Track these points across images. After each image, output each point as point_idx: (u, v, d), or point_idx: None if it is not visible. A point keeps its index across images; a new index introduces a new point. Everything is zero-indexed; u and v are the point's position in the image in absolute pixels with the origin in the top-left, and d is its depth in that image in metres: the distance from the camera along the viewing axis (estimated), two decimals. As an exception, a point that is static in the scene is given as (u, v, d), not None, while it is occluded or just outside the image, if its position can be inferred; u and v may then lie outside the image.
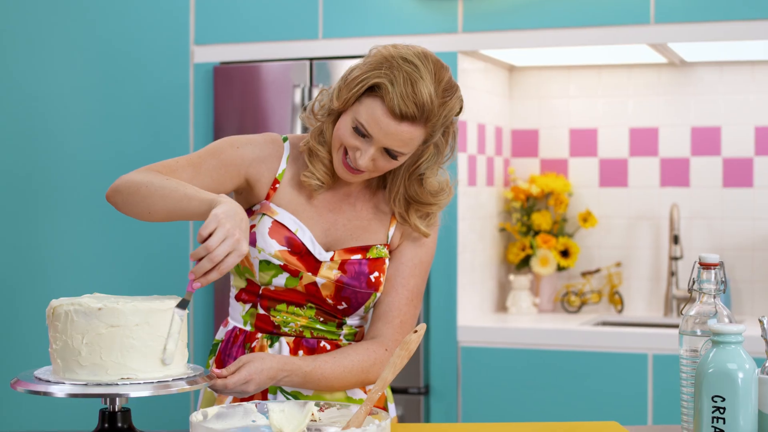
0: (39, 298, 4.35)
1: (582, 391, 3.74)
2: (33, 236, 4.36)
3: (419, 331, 1.84)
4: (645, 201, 4.31)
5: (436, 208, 2.27)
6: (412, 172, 2.23)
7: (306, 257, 2.22)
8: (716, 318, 1.93)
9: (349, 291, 2.22)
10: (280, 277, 2.22)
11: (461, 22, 3.89)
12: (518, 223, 4.36)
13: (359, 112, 2.12)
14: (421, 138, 2.14)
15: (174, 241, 4.19)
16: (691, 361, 1.94)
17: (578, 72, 4.40)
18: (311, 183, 2.23)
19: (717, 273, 1.94)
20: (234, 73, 4.11)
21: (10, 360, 4.35)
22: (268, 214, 2.23)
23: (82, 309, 1.81)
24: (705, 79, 4.24)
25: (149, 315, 1.81)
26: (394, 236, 2.29)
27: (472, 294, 4.07)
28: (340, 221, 2.27)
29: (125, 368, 1.79)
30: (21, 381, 1.83)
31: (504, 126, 4.42)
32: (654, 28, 3.72)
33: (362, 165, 2.13)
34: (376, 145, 2.12)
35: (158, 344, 1.81)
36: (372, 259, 2.24)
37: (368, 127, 2.11)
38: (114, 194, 2.17)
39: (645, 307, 4.32)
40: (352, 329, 2.29)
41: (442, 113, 2.13)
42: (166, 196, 2.04)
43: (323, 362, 2.16)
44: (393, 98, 2.08)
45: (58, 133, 4.33)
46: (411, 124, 2.10)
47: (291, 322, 2.24)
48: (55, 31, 4.33)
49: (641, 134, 4.33)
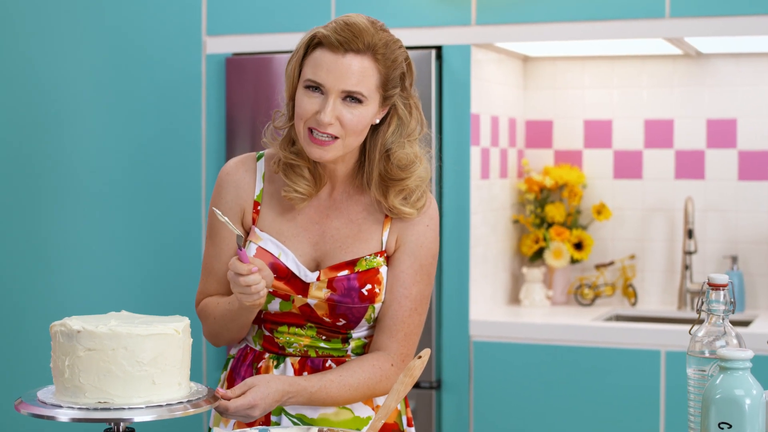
0: (49, 292, 4.36)
1: (594, 387, 3.73)
2: (44, 228, 4.36)
3: (423, 357, 1.83)
4: (659, 193, 4.29)
5: (411, 182, 2.18)
6: (380, 149, 2.17)
7: (293, 280, 2.18)
8: (725, 339, 1.92)
9: (343, 308, 2.18)
10: (273, 302, 2.20)
11: (474, 14, 3.86)
12: (532, 215, 4.34)
13: (305, 73, 2.11)
14: (374, 75, 2.10)
15: (186, 231, 4.19)
16: (699, 382, 1.92)
17: (593, 62, 4.36)
18: (292, 197, 2.18)
19: (726, 294, 1.92)
20: (246, 64, 4.09)
21: (22, 356, 4.37)
22: (253, 240, 2.21)
23: (66, 330, 1.82)
24: (721, 70, 4.20)
25: (127, 340, 1.79)
26: (389, 241, 2.21)
27: (484, 286, 4.05)
28: (328, 232, 2.21)
29: (102, 392, 1.79)
30: (25, 403, 1.83)
31: (518, 117, 4.40)
32: (670, 21, 3.68)
33: (327, 119, 2.07)
34: (333, 93, 2.08)
35: (135, 370, 1.79)
36: (361, 272, 2.18)
37: (316, 75, 2.08)
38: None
39: (659, 300, 4.30)
40: (360, 341, 2.25)
41: (387, 47, 2.12)
42: (226, 323, 2.17)
43: (329, 382, 2.14)
44: (329, 35, 2.08)
45: (71, 125, 4.33)
46: (355, 54, 2.08)
47: (294, 342, 2.23)
48: (68, 22, 4.32)
49: (656, 126, 4.29)
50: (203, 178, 4.16)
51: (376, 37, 2.11)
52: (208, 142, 4.16)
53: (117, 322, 1.84)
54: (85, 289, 4.33)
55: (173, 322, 1.87)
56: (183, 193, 4.19)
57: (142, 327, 1.81)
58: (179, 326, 1.86)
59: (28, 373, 4.33)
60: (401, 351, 2.20)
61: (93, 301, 4.31)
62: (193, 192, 4.17)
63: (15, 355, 4.38)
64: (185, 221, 4.19)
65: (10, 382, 4.36)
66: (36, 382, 2.80)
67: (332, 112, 2.08)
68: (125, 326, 1.80)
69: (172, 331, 1.83)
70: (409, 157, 2.18)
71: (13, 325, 4.41)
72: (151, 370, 1.80)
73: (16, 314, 4.41)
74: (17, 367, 4.37)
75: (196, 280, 4.15)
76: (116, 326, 1.80)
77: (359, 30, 2.09)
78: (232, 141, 4.11)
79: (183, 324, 1.88)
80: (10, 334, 4.40)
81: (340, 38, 2.08)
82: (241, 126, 4.10)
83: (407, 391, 1.81)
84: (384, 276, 2.21)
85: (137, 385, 1.79)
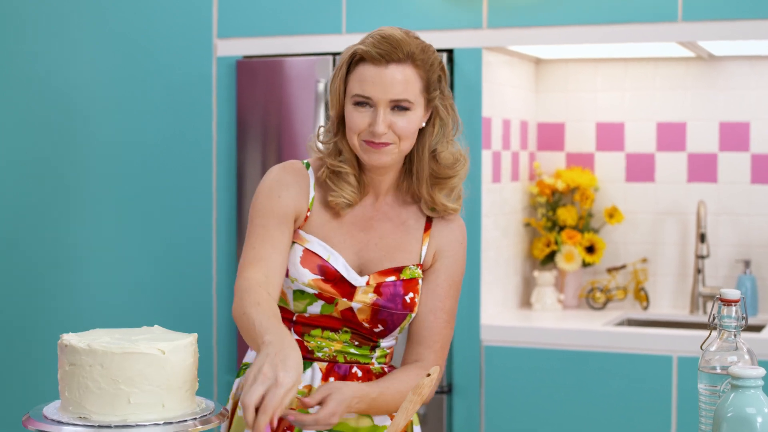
0: (65, 291, 4.36)
1: (605, 393, 3.71)
2: (57, 228, 4.36)
3: (432, 375, 1.82)
4: (672, 196, 4.26)
5: (457, 179, 2.29)
6: (428, 150, 2.26)
7: (340, 283, 2.23)
8: (736, 355, 1.90)
9: (386, 313, 2.24)
10: (315, 305, 2.22)
11: (486, 17, 3.84)
12: (543, 219, 4.32)
13: (352, 89, 2.18)
14: (417, 81, 2.18)
15: (197, 233, 4.19)
16: (710, 398, 1.91)
17: (605, 65, 4.34)
18: (338, 202, 2.25)
19: (738, 309, 1.91)
20: (257, 67, 4.08)
21: (38, 355, 4.38)
22: (298, 242, 2.24)
23: (61, 344, 1.83)
24: (734, 73, 4.18)
25: (103, 357, 1.78)
26: (427, 255, 2.30)
27: (496, 290, 4.04)
28: (372, 240, 2.28)
29: (82, 408, 1.79)
30: (31, 419, 1.83)
31: (530, 119, 4.38)
32: (682, 25, 3.66)
33: (381, 129, 2.15)
34: (381, 104, 2.16)
35: (110, 387, 1.78)
36: (406, 280, 2.26)
37: (364, 90, 2.16)
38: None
39: (671, 304, 4.28)
40: (383, 351, 2.31)
41: (424, 52, 2.19)
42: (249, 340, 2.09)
43: (386, 388, 2.19)
44: (368, 50, 2.15)
45: (82, 127, 4.32)
46: (397, 63, 2.16)
47: (325, 347, 2.25)
48: (79, 24, 4.32)
49: (669, 129, 4.27)
50: (214, 181, 4.16)
51: (413, 44, 2.18)
52: (219, 145, 4.15)
53: (110, 338, 1.83)
54: (96, 291, 4.33)
55: (165, 341, 1.84)
56: (194, 196, 4.19)
57: (121, 344, 1.80)
58: (167, 346, 1.82)
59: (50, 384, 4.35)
60: (437, 362, 2.29)
61: (104, 304, 4.31)
62: (204, 195, 4.17)
63: (31, 365, 4.39)
64: (196, 224, 4.19)
65: (41, 390, 4.37)
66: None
67: (384, 122, 2.16)
68: (106, 344, 1.80)
69: (155, 351, 1.80)
70: (454, 156, 2.27)
71: (19, 333, 4.42)
72: (127, 389, 1.78)
73: (24, 322, 4.42)
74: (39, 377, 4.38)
75: (207, 281, 4.16)
76: (96, 343, 1.79)
77: (396, 41, 2.16)
78: (242, 144, 4.11)
79: (173, 344, 1.84)
80: (19, 345, 4.41)
81: (380, 51, 2.15)
82: (251, 129, 4.09)
83: (416, 409, 1.80)
84: (421, 288, 2.30)
85: (113, 402, 1.78)
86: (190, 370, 1.87)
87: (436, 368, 1.83)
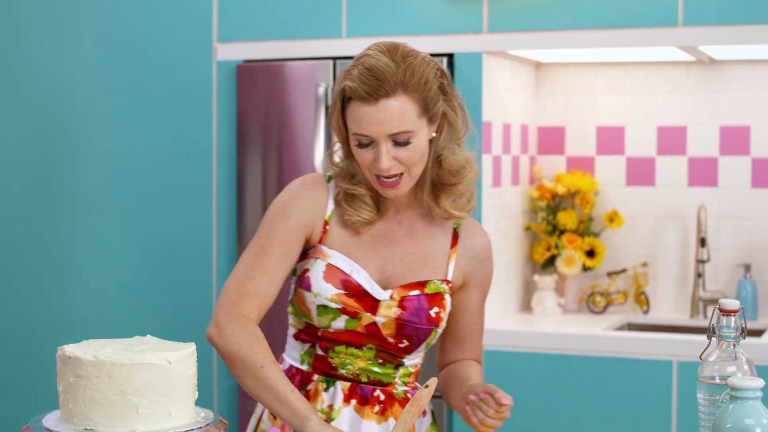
0: (64, 294, 4.36)
1: (606, 397, 3.71)
2: (56, 230, 4.36)
3: (430, 386, 1.82)
4: (672, 200, 4.26)
5: (462, 186, 2.24)
6: (433, 156, 2.21)
7: (364, 298, 2.20)
8: (735, 365, 1.90)
9: (411, 328, 2.21)
10: (338, 320, 2.19)
11: (486, 21, 3.84)
12: (543, 223, 4.32)
13: (350, 127, 2.13)
14: (412, 108, 2.11)
15: (197, 237, 4.19)
16: (709, 408, 1.91)
17: (605, 68, 4.34)
18: (355, 221, 2.22)
19: (737, 319, 1.91)
20: (257, 72, 4.08)
21: (35, 361, 4.38)
22: (321, 257, 2.21)
23: (62, 356, 1.82)
24: (735, 77, 4.18)
25: (111, 368, 1.77)
26: (455, 274, 2.28)
27: (496, 294, 4.04)
28: (397, 255, 2.25)
29: (88, 420, 1.78)
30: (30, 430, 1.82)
31: (530, 123, 4.38)
32: (683, 30, 3.65)
33: (386, 166, 2.11)
34: (381, 140, 2.10)
35: (119, 398, 1.78)
36: (430, 295, 2.23)
37: (360, 129, 2.11)
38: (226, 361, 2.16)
39: (671, 308, 4.28)
40: (407, 370, 2.28)
41: (414, 74, 2.10)
42: (260, 391, 2.06)
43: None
44: (356, 88, 2.08)
45: (82, 131, 4.32)
46: (387, 97, 2.08)
47: (349, 363, 2.22)
48: (80, 27, 4.32)
49: (669, 132, 4.27)
50: (214, 186, 4.16)
51: (401, 70, 2.10)
52: (219, 149, 4.15)
53: (112, 349, 1.83)
54: (96, 294, 4.33)
55: (170, 351, 1.84)
56: (194, 201, 4.19)
57: (128, 355, 1.79)
58: (173, 356, 1.82)
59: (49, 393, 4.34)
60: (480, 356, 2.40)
61: (104, 307, 4.31)
62: (205, 199, 4.17)
63: (30, 376, 4.39)
64: (196, 228, 4.19)
65: (38, 397, 4.37)
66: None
67: (387, 158, 2.11)
68: (113, 354, 1.79)
69: (162, 362, 1.80)
70: (460, 163, 2.22)
71: (17, 338, 4.42)
72: (135, 399, 1.78)
73: (22, 326, 4.42)
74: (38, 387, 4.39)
75: (207, 285, 4.16)
76: (102, 354, 1.79)
77: (381, 73, 2.08)
78: (242, 148, 4.10)
79: (178, 354, 1.84)
80: (16, 351, 4.41)
81: (367, 89, 2.08)
82: (251, 133, 4.09)
83: (414, 421, 1.80)
84: (448, 303, 2.27)
85: (121, 413, 1.78)
86: (192, 379, 1.88)
87: (434, 380, 1.83)
